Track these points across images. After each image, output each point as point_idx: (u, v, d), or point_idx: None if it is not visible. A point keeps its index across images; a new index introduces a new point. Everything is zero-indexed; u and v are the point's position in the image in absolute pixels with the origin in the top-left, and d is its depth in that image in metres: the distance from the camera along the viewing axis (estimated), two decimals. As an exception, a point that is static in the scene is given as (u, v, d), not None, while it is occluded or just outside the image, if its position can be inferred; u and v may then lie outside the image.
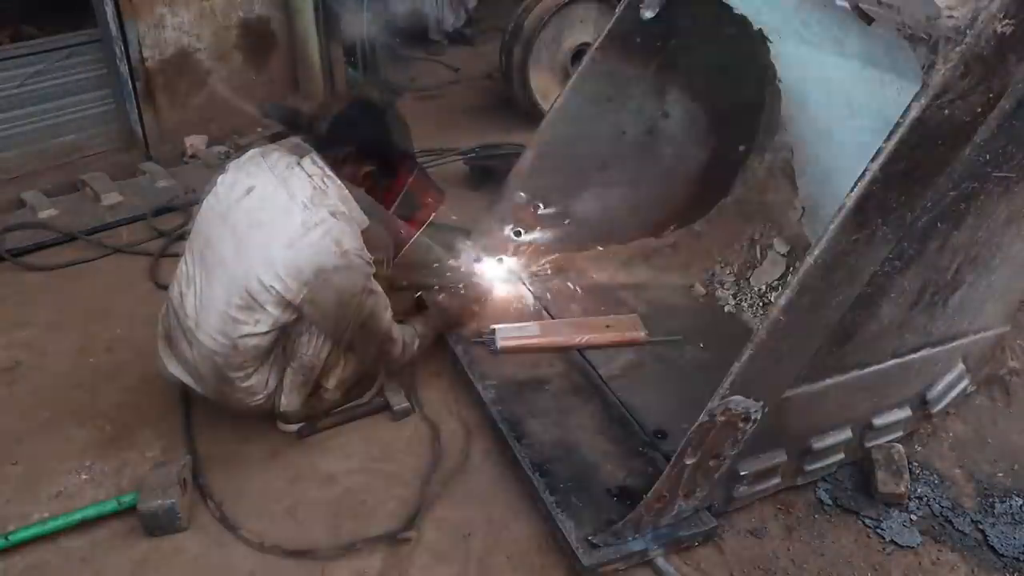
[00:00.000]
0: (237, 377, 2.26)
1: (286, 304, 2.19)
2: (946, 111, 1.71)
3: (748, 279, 3.09)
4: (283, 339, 2.26)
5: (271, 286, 2.17)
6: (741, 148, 3.22)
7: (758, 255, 3.13)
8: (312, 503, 2.25)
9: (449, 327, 2.78)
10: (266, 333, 2.22)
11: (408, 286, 2.77)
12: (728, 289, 3.09)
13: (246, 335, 2.20)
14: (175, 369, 2.38)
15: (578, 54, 4.61)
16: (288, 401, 2.33)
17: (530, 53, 4.60)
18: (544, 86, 4.69)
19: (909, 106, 1.70)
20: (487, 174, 3.99)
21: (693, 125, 3.14)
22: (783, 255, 3.05)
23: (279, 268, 2.16)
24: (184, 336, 2.29)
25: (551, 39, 4.66)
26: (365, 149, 2.41)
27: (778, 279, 3.02)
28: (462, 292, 2.82)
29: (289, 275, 2.16)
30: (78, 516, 2.15)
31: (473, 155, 4.19)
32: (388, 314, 2.40)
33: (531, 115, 4.56)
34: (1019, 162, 1.91)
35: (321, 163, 2.31)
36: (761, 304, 2.98)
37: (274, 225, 2.20)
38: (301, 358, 2.29)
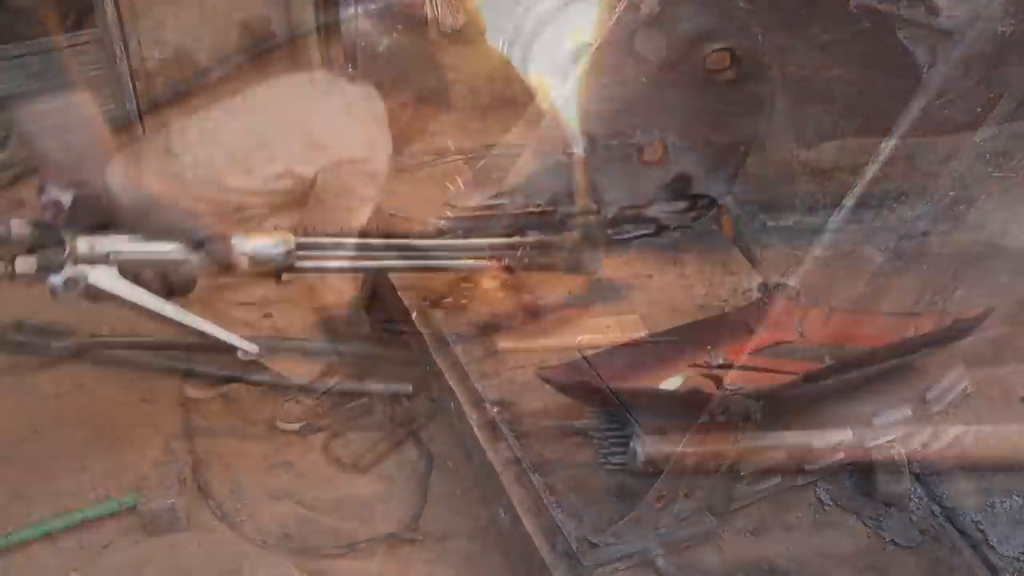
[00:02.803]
0: None
1: None
2: (946, 111, 1.71)
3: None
4: None
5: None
6: (741, 148, 3.21)
7: (758, 255, 3.13)
8: (312, 503, 2.25)
9: None
10: None
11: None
12: (728, 289, 3.08)
13: None
14: None
15: (578, 54, 4.60)
16: None
17: (530, 53, 4.59)
18: (544, 86, 4.68)
19: (909, 106, 1.70)
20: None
21: (693, 125, 3.13)
22: (783, 255, 3.05)
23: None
24: None
25: (551, 39, 4.65)
26: None
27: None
28: None
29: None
30: (78, 516, 2.15)
31: (473, 155, 4.18)
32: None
33: (531, 115, 4.55)
34: (1019, 162, 1.91)
35: None
36: (761, 304, 2.97)
37: None
38: None
